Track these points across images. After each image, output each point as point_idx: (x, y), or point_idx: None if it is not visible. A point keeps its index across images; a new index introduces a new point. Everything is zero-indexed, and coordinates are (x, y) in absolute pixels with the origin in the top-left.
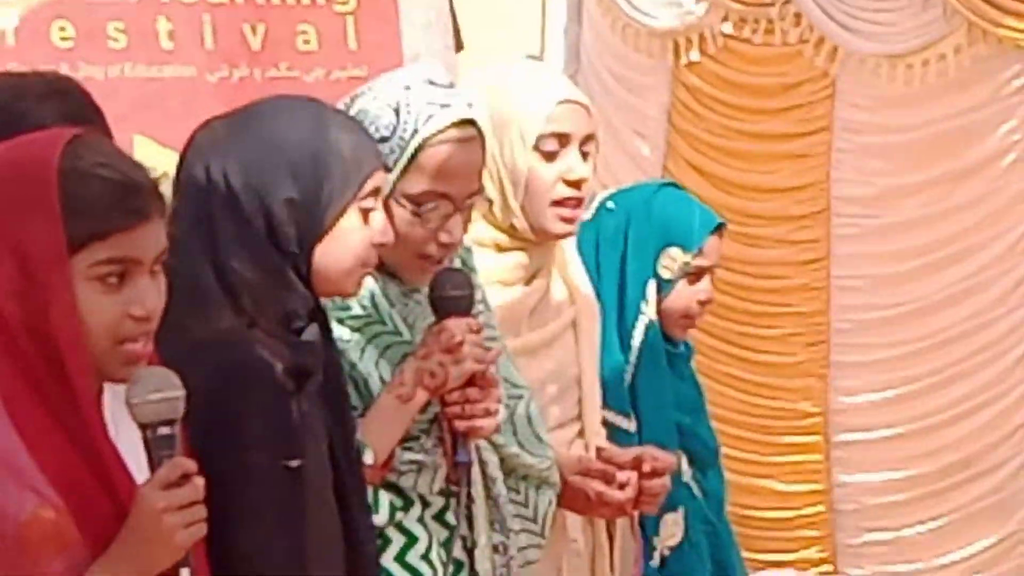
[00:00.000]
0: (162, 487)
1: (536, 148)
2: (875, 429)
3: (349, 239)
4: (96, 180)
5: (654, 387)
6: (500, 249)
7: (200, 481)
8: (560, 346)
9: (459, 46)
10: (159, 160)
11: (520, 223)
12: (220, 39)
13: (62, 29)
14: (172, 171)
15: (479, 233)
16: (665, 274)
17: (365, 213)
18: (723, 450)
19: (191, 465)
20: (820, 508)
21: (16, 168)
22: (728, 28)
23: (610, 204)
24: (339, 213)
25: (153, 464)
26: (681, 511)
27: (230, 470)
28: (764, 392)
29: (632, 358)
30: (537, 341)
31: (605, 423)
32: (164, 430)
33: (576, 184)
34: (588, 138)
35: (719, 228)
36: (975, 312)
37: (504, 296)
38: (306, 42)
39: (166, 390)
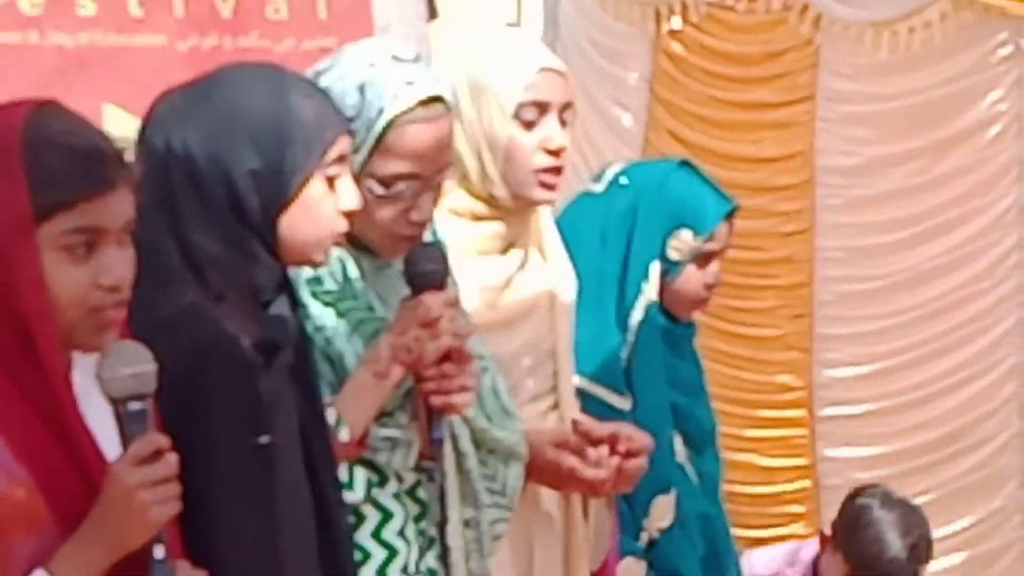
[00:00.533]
0: (135, 463)
1: (516, 116)
2: (860, 403)
3: (316, 208)
4: (61, 148)
5: (650, 367)
6: (476, 218)
7: (173, 457)
8: (536, 317)
9: (433, 14)
10: (129, 129)
11: (501, 191)
12: (190, 6)
13: None
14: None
15: (455, 202)
16: (674, 256)
17: (331, 180)
18: None
19: (164, 440)
20: (805, 483)
21: None
22: None
23: (623, 180)
24: (303, 181)
25: (125, 440)
26: (673, 493)
27: (199, 447)
28: (747, 366)
29: (630, 337)
30: (513, 312)
31: (599, 401)
32: (136, 405)
33: (556, 152)
34: (566, 106)
35: (731, 212)
36: (962, 284)
37: (480, 266)
38: (276, 11)
39: (138, 364)
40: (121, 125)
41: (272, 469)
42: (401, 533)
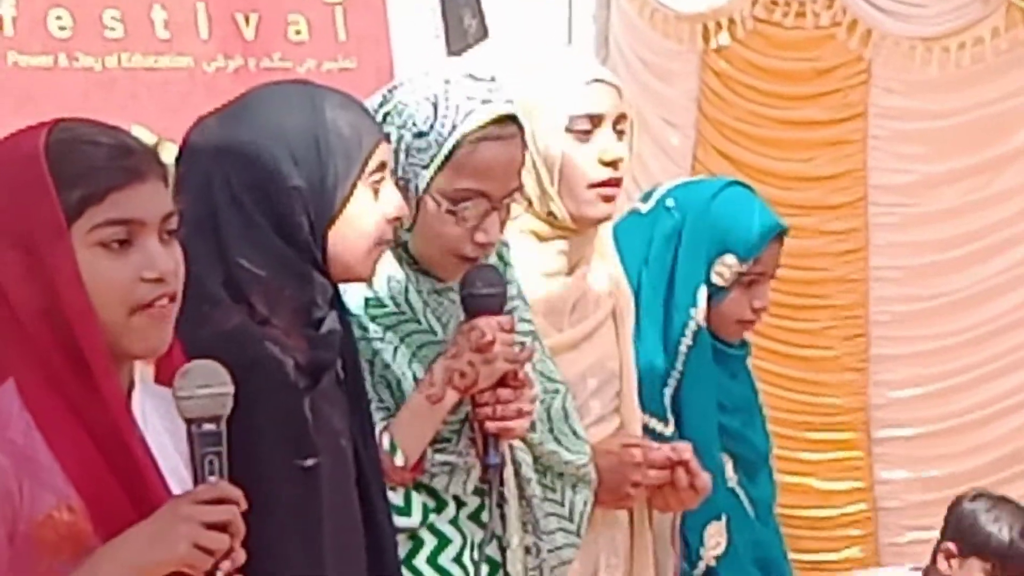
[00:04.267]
0: (193, 501)
1: (568, 130)
2: (917, 424)
3: (362, 219)
4: (86, 146)
5: (701, 394)
6: (540, 239)
7: (235, 510)
8: (600, 338)
9: (484, 33)
10: None
11: (559, 210)
12: (215, 28)
13: (59, 18)
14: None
15: (521, 223)
16: (718, 281)
17: (375, 189)
18: None
19: (230, 492)
20: (862, 506)
21: (8, 154)
22: (758, 11)
23: (670, 202)
24: (348, 193)
25: (195, 461)
26: (724, 519)
27: (242, 469)
28: (801, 387)
29: (679, 364)
30: (579, 334)
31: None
32: (209, 426)
33: (612, 164)
34: (621, 118)
35: (780, 234)
36: (1019, 304)
37: (547, 288)
38: (297, 32)
39: (215, 385)
40: None
41: (317, 491)
42: (458, 560)
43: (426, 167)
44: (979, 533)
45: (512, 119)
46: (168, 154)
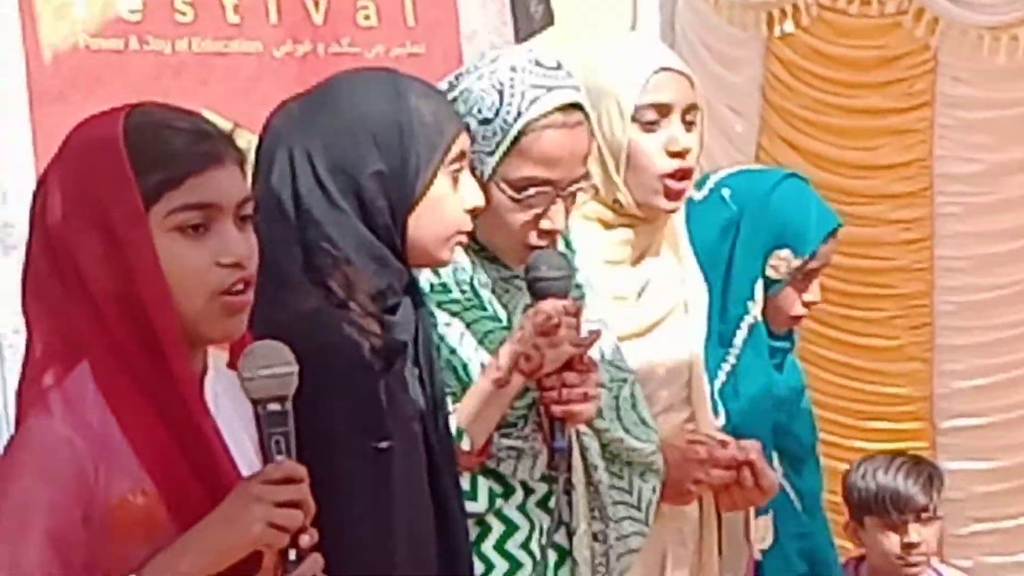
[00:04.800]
0: (264, 480)
1: (635, 119)
2: (982, 415)
3: (442, 206)
4: (164, 131)
5: (754, 387)
6: (606, 226)
7: (304, 488)
8: (669, 328)
9: (550, 19)
10: None
11: (625, 198)
12: (284, 13)
13: (130, 1)
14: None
15: (587, 209)
16: (773, 275)
17: (454, 178)
18: (824, 436)
19: (295, 470)
20: None
21: (86, 137)
22: None
23: (726, 192)
24: (429, 180)
25: (263, 441)
26: (771, 514)
27: (316, 449)
28: (866, 377)
29: (732, 357)
30: (647, 322)
31: None
32: (274, 406)
33: (680, 155)
34: (691, 108)
35: (834, 230)
36: None
37: (611, 275)
38: (366, 17)
39: (277, 366)
40: None
41: (389, 473)
42: (525, 546)
43: (491, 154)
44: (855, 493)
45: (578, 107)
46: (244, 140)
